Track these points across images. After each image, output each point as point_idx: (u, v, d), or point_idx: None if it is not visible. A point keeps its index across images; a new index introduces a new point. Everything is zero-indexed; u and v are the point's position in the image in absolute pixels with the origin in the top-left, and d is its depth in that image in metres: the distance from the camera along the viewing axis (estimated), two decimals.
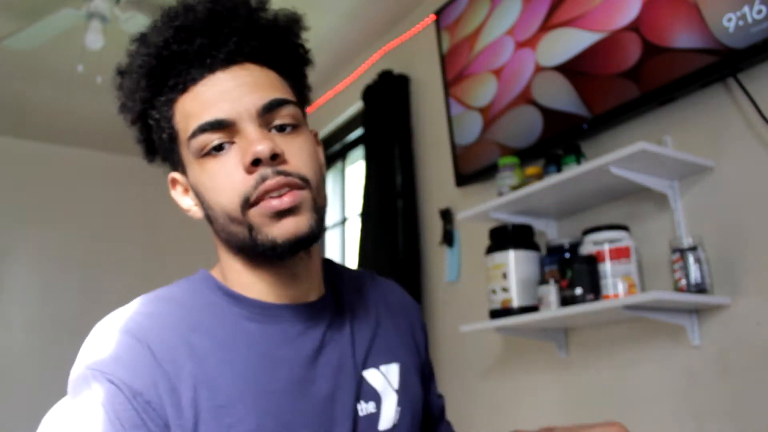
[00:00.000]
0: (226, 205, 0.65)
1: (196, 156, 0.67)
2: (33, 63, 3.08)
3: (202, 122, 0.65)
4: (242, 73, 0.67)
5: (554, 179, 1.64)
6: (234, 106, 0.65)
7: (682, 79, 1.54)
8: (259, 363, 0.66)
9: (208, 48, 0.67)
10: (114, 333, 0.64)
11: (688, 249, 1.48)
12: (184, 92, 0.68)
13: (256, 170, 0.64)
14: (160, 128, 0.70)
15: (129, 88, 0.71)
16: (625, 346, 1.70)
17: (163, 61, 0.67)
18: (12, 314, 3.72)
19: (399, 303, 0.86)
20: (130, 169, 4.25)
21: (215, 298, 0.70)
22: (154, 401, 0.60)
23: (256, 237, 0.65)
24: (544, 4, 1.93)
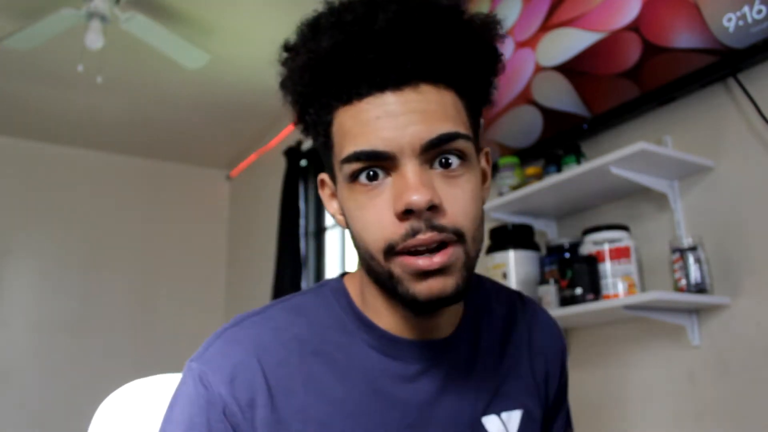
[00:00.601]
0: (369, 243, 0.60)
1: (347, 179, 0.60)
2: (33, 63, 3.08)
3: (358, 149, 0.58)
4: (414, 97, 0.58)
5: (554, 179, 1.64)
6: (396, 138, 0.57)
7: (682, 79, 1.54)
8: (374, 401, 0.63)
9: (382, 66, 0.58)
10: (236, 343, 0.64)
11: (688, 249, 1.48)
12: (346, 104, 0.60)
13: (408, 220, 0.57)
14: (316, 130, 0.63)
15: (293, 70, 0.63)
16: (625, 346, 1.70)
17: (329, 65, 0.59)
18: (12, 314, 3.72)
19: (542, 342, 0.77)
20: (130, 169, 4.26)
21: (345, 319, 0.67)
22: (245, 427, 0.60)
23: (396, 286, 0.59)
24: (544, 4, 1.93)
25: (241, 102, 3.55)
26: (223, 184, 4.58)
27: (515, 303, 0.78)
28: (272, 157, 3.83)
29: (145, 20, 2.57)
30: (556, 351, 0.79)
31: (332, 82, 0.60)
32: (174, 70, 3.01)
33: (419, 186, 0.56)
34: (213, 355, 0.63)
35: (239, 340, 0.64)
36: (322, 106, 0.61)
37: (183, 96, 3.50)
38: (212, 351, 0.63)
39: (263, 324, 0.65)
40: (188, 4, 2.72)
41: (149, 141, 4.10)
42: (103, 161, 4.17)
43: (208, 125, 3.89)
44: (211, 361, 0.62)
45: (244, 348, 0.63)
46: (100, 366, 3.78)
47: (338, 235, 3.43)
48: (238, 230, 4.41)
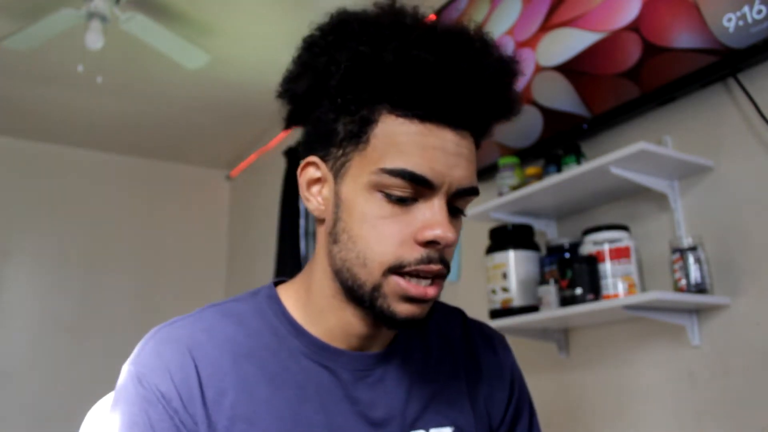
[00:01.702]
0: (376, 254, 0.61)
1: (374, 185, 0.61)
2: (33, 63, 3.08)
3: (410, 169, 0.60)
4: (464, 143, 0.63)
5: (554, 179, 1.64)
6: (444, 174, 0.61)
7: (682, 79, 1.54)
8: (301, 404, 0.65)
9: (462, 104, 0.61)
10: (169, 341, 0.65)
11: (688, 249, 1.48)
12: (403, 116, 0.61)
13: (426, 248, 0.61)
14: (349, 120, 0.63)
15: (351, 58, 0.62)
16: (625, 346, 1.70)
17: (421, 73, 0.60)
18: (12, 314, 3.72)
19: (482, 362, 0.78)
20: (130, 169, 4.26)
21: (278, 325, 0.69)
22: (187, 420, 0.62)
23: (376, 299, 0.62)
24: (544, 4, 1.93)
25: (241, 102, 3.55)
26: (223, 184, 4.58)
27: (456, 321, 0.79)
28: (272, 157, 3.83)
29: (145, 20, 2.57)
30: (498, 370, 0.78)
31: (410, 90, 0.60)
32: (174, 70, 3.01)
33: (448, 224, 0.61)
34: (148, 355, 0.65)
35: (172, 339, 0.65)
36: (374, 101, 0.62)
37: (183, 96, 3.50)
38: (147, 351, 0.65)
39: (195, 324, 0.67)
40: (188, 4, 2.72)
41: (149, 141, 4.10)
42: (103, 161, 4.17)
43: (208, 125, 3.89)
44: (147, 361, 0.64)
45: (177, 346, 0.65)
46: (100, 366, 3.77)
47: None
48: (238, 230, 4.41)
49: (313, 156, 0.67)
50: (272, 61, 3.17)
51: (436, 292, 0.63)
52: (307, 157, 0.67)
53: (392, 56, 0.60)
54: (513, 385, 0.79)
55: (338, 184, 0.64)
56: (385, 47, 0.60)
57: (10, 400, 3.55)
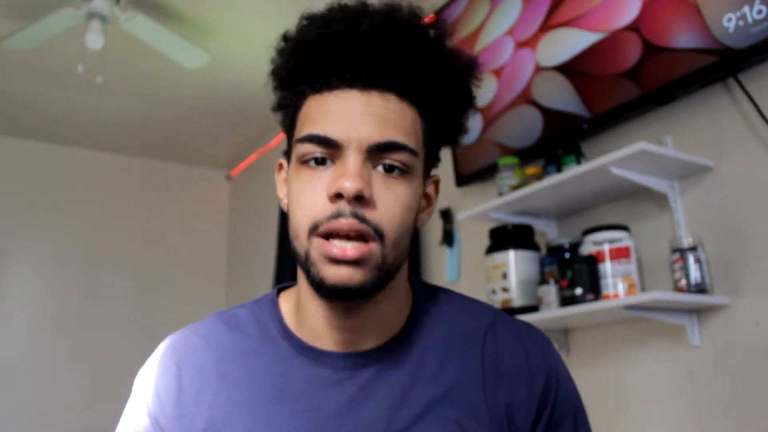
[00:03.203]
0: (299, 221, 0.63)
1: (298, 159, 0.65)
2: (33, 63, 3.08)
3: (312, 132, 0.63)
4: (377, 101, 0.63)
5: (554, 179, 1.64)
6: (348, 131, 0.62)
7: (682, 79, 1.54)
8: (279, 406, 0.66)
9: (355, 65, 0.63)
10: (166, 348, 0.72)
11: (688, 249, 1.48)
12: (316, 92, 0.65)
13: (337, 203, 0.61)
14: (286, 113, 0.69)
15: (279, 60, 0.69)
16: (625, 346, 1.70)
17: (310, 54, 0.65)
18: (12, 314, 3.72)
19: (514, 366, 0.70)
20: (130, 169, 4.25)
21: (271, 328, 0.71)
22: (163, 423, 0.67)
23: (310, 267, 0.63)
24: (544, 4, 1.93)
25: (241, 102, 3.55)
26: (223, 184, 4.58)
27: (483, 318, 0.74)
28: (272, 157, 3.83)
29: (145, 20, 2.57)
30: (526, 375, 0.70)
31: (309, 70, 0.65)
32: (174, 70, 3.01)
33: (354, 175, 0.60)
34: (150, 362, 0.72)
35: (171, 347, 0.72)
36: (296, 92, 0.67)
37: (183, 96, 3.50)
38: (152, 359, 0.73)
39: (197, 332, 0.72)
40: (188, 4, 2.72)
41: (149, 141, 4.10)
42: (103, 161, 4.17)
43: (208, 125, 3.89)
44: (146, 366, 0.72)
45: (169, 354, 0.71)
46: (99, 366, 3.78)
47: None
48: (238, 230, 4.41)
49: (281, 158, 0.73)
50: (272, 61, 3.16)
51: (357, 253, 0.60)
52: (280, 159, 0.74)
53: (292, 43, 0.67)
54: (547, 393, 0.71)
55: (288, 174, 0.69)
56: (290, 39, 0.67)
57: (10, 400, 3.55)
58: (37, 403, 3.61)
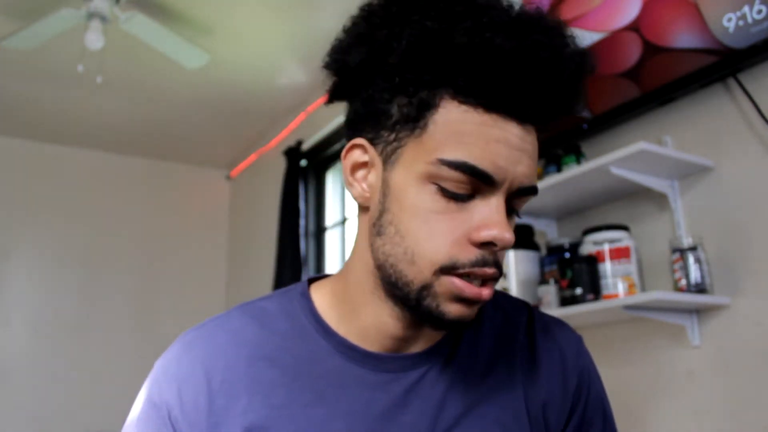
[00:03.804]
0: (427, 251, 0.56)
1: (430, 176, 0.56)
2: (33, 63, 3.08)
3: (471, 163, 0.54)
4: (528, 138, 0.57)
5: (554, 179, 1.64)
6: (508, 171, 0.55)
7: (682, 79, 1.54)
8: (318, 408, 0.62)
9: (533, 97, 0.56)
10: (188, 345, 0.65)
11: (688, 249, 1.48)
12: (467, 103, 0.55)
13: (482, 249, 0.56)
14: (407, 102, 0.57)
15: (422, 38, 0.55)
16: (625, 346, 1.70)
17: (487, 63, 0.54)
18: (12, 314, 3.72)
19: (549, 364, 0.69)
20: (130, 169, 4.25)
21: (306, 324, 0.66)
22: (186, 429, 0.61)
23: (424, 299, 0.57)
24: (544, 4, 1.93)
25: (241, 102, 3.55)
26: (223, 184, 4.58)
27: (521, 317, 0.72)
28: (272, 157, 3.83)
29: (145, 20, 2.57)
30: (560, 374, 0.69)
31: (481, 77, 0.54)
32: (174, 70, 3.01)
33: (507, 225, 0.56)
34: (170, 359, 0.65)
35: (195, 344, 0.65)
36: (437, 84, 0.56)
37: (183, 96, 3.50)
38: (170, 355, 0.66)
39: (222, 326, 0.66)
40: (188, 4, 2.72)
41: (149, 141, 4.10)
42: (103, 161, 4.17)
43: (208, 125, 3.89)
44: (166, 365, 0.65)
45: (193, 352, 0.64)
46: (100, 366, 3.78)
47: (338, 235, 3.43)
48: (238, 230, 4.41)
49: (360, 138, 0.61)
50: (272, 61, 3.17)
51: (490, 294, 0.58)
52: (353, 138, 0.61)
53: (465, 38, 0.53)
54: (579, 392, 0.70)
55: (388, 171, 0.59)
56: (457, 26, 0.54)
57: (10, 400, 3.55)
58: (37, 403, 3.61)
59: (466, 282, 0.57)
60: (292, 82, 3.33)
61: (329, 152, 3.40)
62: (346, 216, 3.34)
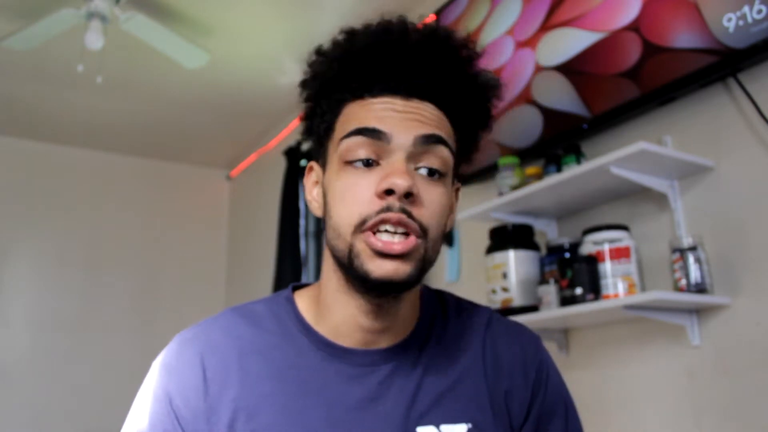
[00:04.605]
0: (344, 218, 0.65)
1: (341, 159, 0.67)
2: (33, 63, 3.08)
3: (360, 126, 0.66)
4: (418, 107, 0.67)
5: (554, 179, 1.64)
6: (395, 126, 0.65)
7: (682, 79, 1.54)
8: (302, 398, 0.68)
9: (400, 74, 0.67)
10: (185, 342, 0.72)
11: (688, 249, 1.48)
12: (358, 99, 0.68)
13: (385, 199, 0.63)
14: (323, 119, 0.71)
15: (317, 70, 0.72)
16: (625, 346, 1.70)
17: (354, 65, 0.68)
18: (12, 314, 3.72)
19: (504, 358, 0.76)
20: (130, 169, 4.26)
21: (289, 324, 0.73)
22: (187, 417, 0.67)
23: (353, 261, 0.65)
24: (544, 4, 1.93)
25: (241, 102, 3.55)
26: (223, 184, 4.58)
27: (482, 317, 0.79)
28: (272, 157, 3.83)
29: (145, 20, 2.57)
30: (521, 366, 0.76)
31: (353, 77, 0.67)
32: (174, 70, 3.01)
33: (404, 173, 0.63)
34: (169, 355, 0.71)
35: (191, 340, 0.72)
36: (335, 99, 0.69)
37: (183, 96, 3.50)
38: (168, 351, 0.72)
39: (214, 324, 0.73)
40: (188, 4, 2.72)
41: (149, 141, 4.10)
42: (103, 161, 4.17)
43: (208, 125, 3.89)
44: (166, 360, 0.71)
45: (191, 347, 0.71)
46: (99, 365, 3.78)
47: None
48: (238, 230, 4.41)
49: (312, 161, 0.74)
50: (272, 61, 3.17)
51: (404, 247, 0.63)
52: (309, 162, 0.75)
53: (339, 51, 0.69)
54: (539, 384, 0.76)
55: (325, 177, 0.70)
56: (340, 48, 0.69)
57: (10, 400, 3.55)
58: (38, 403, 3.61)
59: (377, 236, 0.63)
60: (292, 82, 3.31)
61: None
62: None
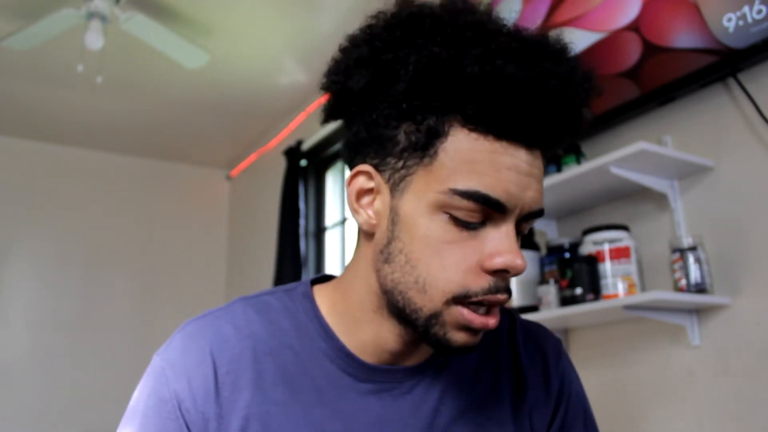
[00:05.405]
0: (440, 281, 0.56)
1: (442, 206, 0.56)
2: (33, 63, 3.08)
3: (484, 192, 0.54)
4: (536, 163, 0.57)
5: (554, 179, 1.64)
6: (518, 197, 0.56)
7: (682, 79, 1.54)
8: (317, 409, 0.63)
9: (542, 124, 0.56)
10: (192, 336, 0.64)
11: (688, 249, 1.48)
12: (477, 131, 0.55)
13: (493, 276, 0.57)
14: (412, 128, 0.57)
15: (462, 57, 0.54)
16: (625, 346, 1.70)
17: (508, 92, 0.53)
18: (12, 314, 3.72)
19: (532, 371, 0.72)
20: (130, 168, 4.26)
21: (308, 325, 0.66)
22: (197, 421, 0.61)
23: (433, 326, 0.58)
24: (544, 4, 1.93)
25: (241, 102, 3.55)
26: (223, 184, 4.58)
27: (503, 325, 0.73)
28: (272, 157, 3.83)
29: (145, 20, 2.57)
30: (544, 378, 0.72)
31: (493, 105, 0.54)
32: (174, 70, 3.01)
33: (519, 251, 0.56)
34: (173, 350, 0.64)
35: (199, 334, 0.64)
36: (446, 111, 0.56)
37: (183, 96, 3.50)
38: (173, 346, 0.64)
39: (224, 318, 0.66)
40: (188, 4, 2.72)
41: (149, 141, 4.10)
42: (103, 161, 4.17)
43: (208, 125, 3.89)
44: (171, 356, 0.64)
45: (200, 344, 0.63)
46: (100, 365, 3.78)
47: (338, 235, 3.43)
48: (238, 230, 4.41)
49: (364, 164, 0.60)
50: (272, 61, 3.17)
51: (497, 322, 0.58)
52: (357, 163, 0.61)
53: (476, 66, 0.53)
54: (561, 396, 0.73)
55: (396, 199, 0.59)
56: (466, 53, 0.54)
57: (10, 400, 3.55)
58: (37, 403, 3.61)
59: (473, 312, 0.57)
60: (292, 82, 3.33)
61: (329, 152, 3.40)
62: (346, 216, 3.34)
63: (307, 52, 3.02)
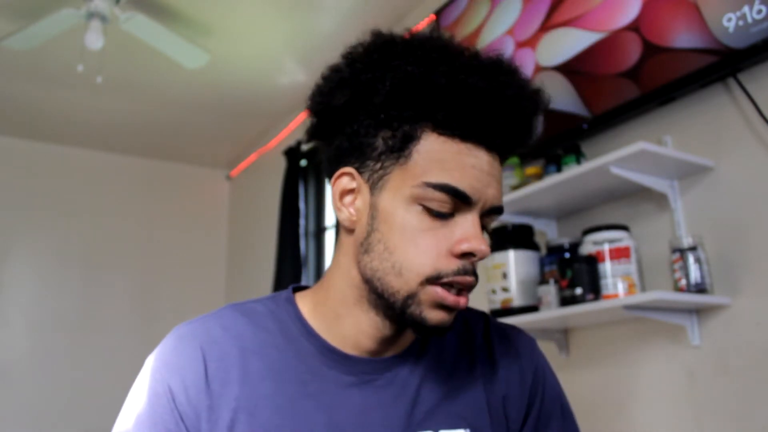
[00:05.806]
0: (414, 264, 0.64)
1: (416, 199, 0.64)
2: (33, 63, 3.09)
3: (452, 184, 0.63)
4: (495, 165, 0.67)
5: (554, 179, 1.64)
6: (481, 192, 0.64)
7: (682, 79, 1.54)
8: (302, 401, 0.68)
9: (502, 129, 0.65)
10: (184, 337, 0.70)
11: (688, 249, 1.48)
12: (445, 135, 0.64)
13: (462, 259, 0.64)
14: (388, 134, 0.65)
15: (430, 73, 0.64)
16: (625, 346, 1.69)
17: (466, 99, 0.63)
18: (12, 314, 3.72)
19: (502, 363, 0.77)
20: (130, 168, 4.26)
21: (290, 326, 0.72)
22: (190, 414, 0.66)
23: (409, 306, 0.65)
24: (544, 4, 1.93)
25: (241, 102, 3.55)
26: (223, 184, 4.58)
27: (479, 323, 0.80)
28: (272, 157, 3.83)
29: (145, 20, 2.57)
30: (518, 371, 0.77)
31: (458, 113, 0.63)
32: (174, 70, 3.01)
33: (483, 239, 0.65)
34: (166, 350, 0.70)
35: (190, 335, 0.70)
36: (418, 119, 0.65)
37: (183, 96, 3.50)
38: (167, 347, 0.70)
39: (213, 320, 0.72)
40: (188, 4, 2.72)
41: (149, 141, 4.10)
42: (103, 161, 4.17)
43: (208, 125, 3.89)
44: (164, 356, 0.69)
45: (191, 343, 0.69)
46: (100, 365, 3.78)
47: None
48: (238, 230, 4.41)
49: (347, 167, 0.68)
50: (272, 61, 3.17)
51: (467, 302, 0.66)
52: (340, 167, 0.69)
53: (444, 79, 0.63)
54: (535, 389, 0.78)
55: (375, 196, 0.67)
56: (435, 69, 0.63)
57: (10, 400, 3.55)
58: (38, 403, 3.61)
59: (447, 291, 0.64)
60: (292, 82, 3.33)
61: None
62: None
63: (307, 52, 3.02)
